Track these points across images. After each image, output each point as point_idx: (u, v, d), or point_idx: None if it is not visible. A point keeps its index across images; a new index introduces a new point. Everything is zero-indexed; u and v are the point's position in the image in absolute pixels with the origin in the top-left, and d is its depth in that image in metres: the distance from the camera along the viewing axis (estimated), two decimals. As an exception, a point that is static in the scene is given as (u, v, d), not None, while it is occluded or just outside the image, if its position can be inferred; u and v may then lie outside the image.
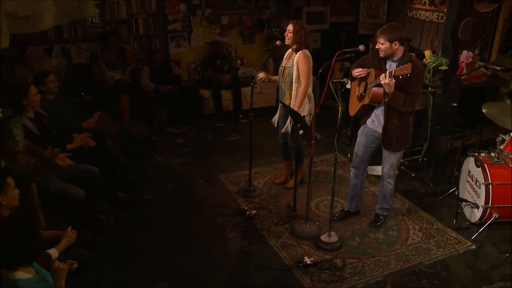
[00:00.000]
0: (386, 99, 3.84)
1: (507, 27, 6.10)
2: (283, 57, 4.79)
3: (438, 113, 5.22)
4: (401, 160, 5.52)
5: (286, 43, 4.65)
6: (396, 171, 5.39)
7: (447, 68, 4.91)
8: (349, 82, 4.14)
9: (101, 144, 4.81)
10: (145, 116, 6.87)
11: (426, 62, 5.08)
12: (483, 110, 4.69)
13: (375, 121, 4.18)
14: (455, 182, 4.90)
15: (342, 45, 7.54)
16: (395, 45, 3.84)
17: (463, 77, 5.03)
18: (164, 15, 7.18)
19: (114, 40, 6.55)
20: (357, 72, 4.04)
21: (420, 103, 5.37)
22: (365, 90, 4.09)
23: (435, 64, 4.92)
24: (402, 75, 3.60)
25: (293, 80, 4.60)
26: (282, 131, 4.80)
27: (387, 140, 4.11)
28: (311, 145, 4.12)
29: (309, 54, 4.61)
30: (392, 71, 3.68)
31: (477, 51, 6.53)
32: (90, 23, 6.75)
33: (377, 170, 5.16)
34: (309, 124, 4.72)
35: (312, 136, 4.06)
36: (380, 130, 4.11)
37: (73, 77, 6.77)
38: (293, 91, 4.64)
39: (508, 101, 5.80)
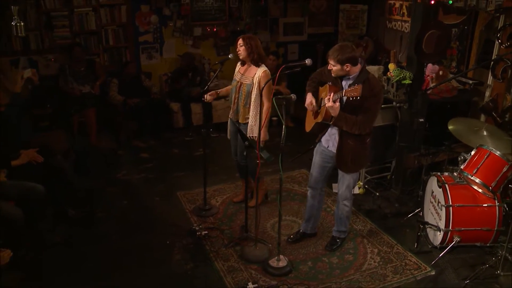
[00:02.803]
0: (331, 122, 3.62)
1: (484, 39, 5.86)
2: None
3: (405, 129, 4.97)
4: (369, 177, 5.32)
5: (240, 57, 4.45)
6: (361, 190, 5.20)
7: (410, 82, 4.68)
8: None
9: (49, 160, 4.62)
10: (113, 130, 6.69)
11: (389, 75, 4.85)
12: (449, 127, 4.45)
13: (330, 141, 3.95)
14: (422, 202, 4.66)
15: (319, 57, 7.35)
16: (347, 67, 3.60)
17: (429, 91, 4.79)
18: (135, 27, 7.03)
19: (78, 51, 6.40)
20: (306, 105, 3.90)
21: (386, 118, 5.17)
22: (320, 107, 3.87)
23: (398, 78, 4.68)
24: (352, 97, 3.38)
25: (253, 100, 4.36)
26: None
27: (342, 161, 3.88)
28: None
29: (269, 72, 4.38)
30: (342, 91, 3.47)
31: (454, 64, 6.31)
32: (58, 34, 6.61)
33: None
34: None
35: (258, 155, 3.82)
36: (335, 150, 3.88)
37: (41, 88, 6.60)
38: (251, 110, 4.39)
39: (483, 117, 5.55)
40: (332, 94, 3.50)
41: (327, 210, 4.90)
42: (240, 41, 4.37)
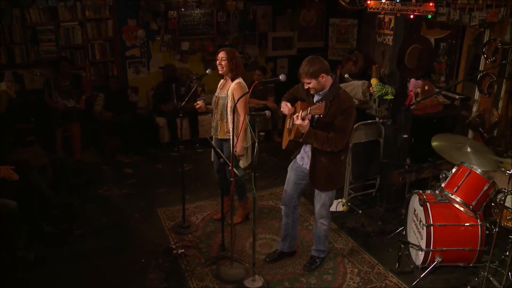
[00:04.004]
0: (301, 140, 3.53)
1: (472, 53, 5.79)
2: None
3: (388, 145, 4.87)
4: (353, 194, 5.21)
5: (220, 72, 4.37)
6: (345, 207, 5.09)
7: (392, 97, 4.59)
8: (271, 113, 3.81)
9: (25, 176, 4.54)
10: (97, 144, 6.60)
11: (371, 90, 4.76)
12: (432, 143, 4.35)
13: (305, 158, 3.85)
14: (405, 221, 4.54)
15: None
16: (322, 78, 3.52)
17: (412, 107, 4.69)
18: (122, 41, 6.98)
19: (65, 66, 6.33)
20: (282, 108, 3.79)
21: (370, 134, 5.07)
22: (293, 124, 3.79)
23: (380, 93, 4.59)
24: (316, 115, 3.30)
25: (228, 112, 4.30)
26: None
27: (316, 179, 3.77)
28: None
29: (244, 84, 4.31)
30: (308, 109, 3.38)
31: (443, 78, 6.23)
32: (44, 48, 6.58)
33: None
34: (248, 156, 4.44)
35: (231, 173, 3.72)
36: (308, 167, 3.78)
37: (25, 102, 6.55)
38: (229, 123, 4.32)
39: (471, 132, 5.45)
40: (300, 112, 3.42)
41: (308, 228, 4.79)
42: (223, 55, 4.29)
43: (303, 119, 3.41)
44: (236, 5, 7.30)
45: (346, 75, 6.16)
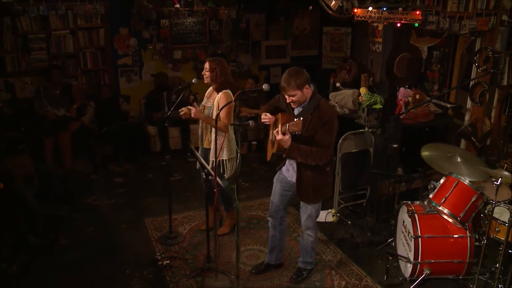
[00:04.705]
0: (284, 155, 3.46)
1: (465, 62, 5.74)
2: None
3: (378, 155, 4.81)
4: (344, 204, 5.14)
5: (205, 81, 4.34)
6: (334, 218, 5.02)
7: (381, 107, 4.53)
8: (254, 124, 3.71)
9: (9, 186, 4.49)
10: (88, 153, 6.55)
11: (360, 100, 4.71)
12: (422, 153, 4.28)
13: (290, 170, 3.79)
14: (394, 232, 4.46)
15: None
16: (306, 89, 3.45)
17: (402, 116, 4.63)
18: (114, 50, 6.95)
19: (57, 74, 6.30)
20: (263, 119, 3.67)
21: (360, 144, 5.01)
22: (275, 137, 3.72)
23: (368, 103, 4.54)
24: (293, 132, 3.23)
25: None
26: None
27: (302, 191, 3.70)
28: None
29: (230, 94, 4.27)
30: (286, 125, 3.31)
31: (436, 87, 6.18)
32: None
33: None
34: (232, 166, 4.39)
35: (215, 183, 3.66)
36: (294, 180, 3.71)
37: (16, 111, 6.51)
38: (212, 133, 4.27)
39: (463, 142, 5.39)
40: (280, 126, 3.34)
41: (297, 239, 4.71)
42: (206, 65, 4.27)
43: (283, 133, 3.35)
44: (228, 13, 7.27)
45: (338, 84, 6.11)
